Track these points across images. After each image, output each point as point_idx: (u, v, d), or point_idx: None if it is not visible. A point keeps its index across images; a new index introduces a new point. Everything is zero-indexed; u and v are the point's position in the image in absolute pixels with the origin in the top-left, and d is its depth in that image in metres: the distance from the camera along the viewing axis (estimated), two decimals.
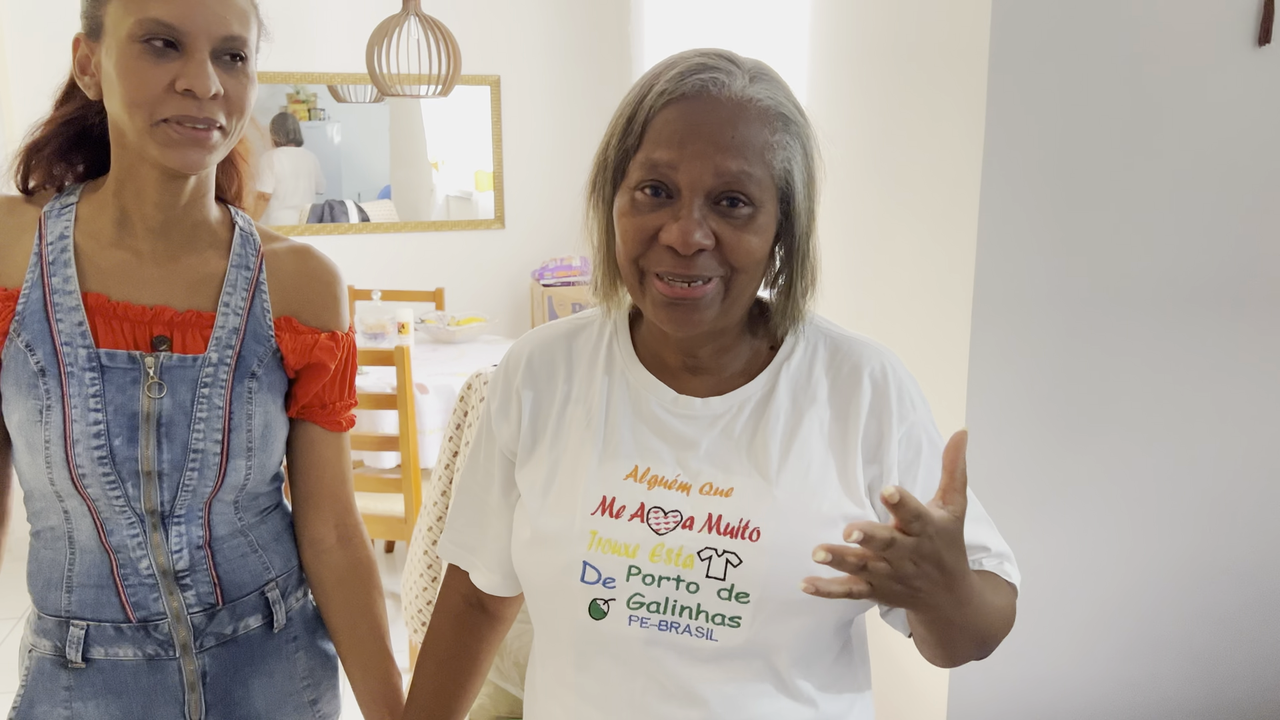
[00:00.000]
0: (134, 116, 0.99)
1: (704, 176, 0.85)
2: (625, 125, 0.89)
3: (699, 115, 0.85)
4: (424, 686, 1.14)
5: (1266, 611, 2.05)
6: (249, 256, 1.13)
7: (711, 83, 0.86)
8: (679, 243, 0.85)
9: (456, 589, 1.13)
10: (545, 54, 4.46)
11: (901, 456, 0.94)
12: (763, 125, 0.87)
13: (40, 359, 1.03)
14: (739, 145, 0.85)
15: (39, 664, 1.11)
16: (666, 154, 0.86)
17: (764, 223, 0.88)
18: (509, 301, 4.62)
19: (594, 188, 0.94)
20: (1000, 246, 1.77)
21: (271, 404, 1.13)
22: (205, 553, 1.11)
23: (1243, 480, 1.97)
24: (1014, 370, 1.83)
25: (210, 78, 0.99)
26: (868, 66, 2.13)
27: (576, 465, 0.96)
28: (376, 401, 2.81)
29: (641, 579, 0.91)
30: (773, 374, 0.96)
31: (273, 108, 4.22)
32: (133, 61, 0.98)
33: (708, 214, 0.86)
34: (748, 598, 0.89)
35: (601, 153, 0.93)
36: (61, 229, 1.06)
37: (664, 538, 0.91)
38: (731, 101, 0.86)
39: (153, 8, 0.97)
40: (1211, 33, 1.76)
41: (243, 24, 1.02)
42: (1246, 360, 1.92)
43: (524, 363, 1.02)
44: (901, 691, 2.08)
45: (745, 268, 0.88)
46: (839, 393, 0.95)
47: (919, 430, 0.95)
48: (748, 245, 0.87)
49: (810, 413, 0.94)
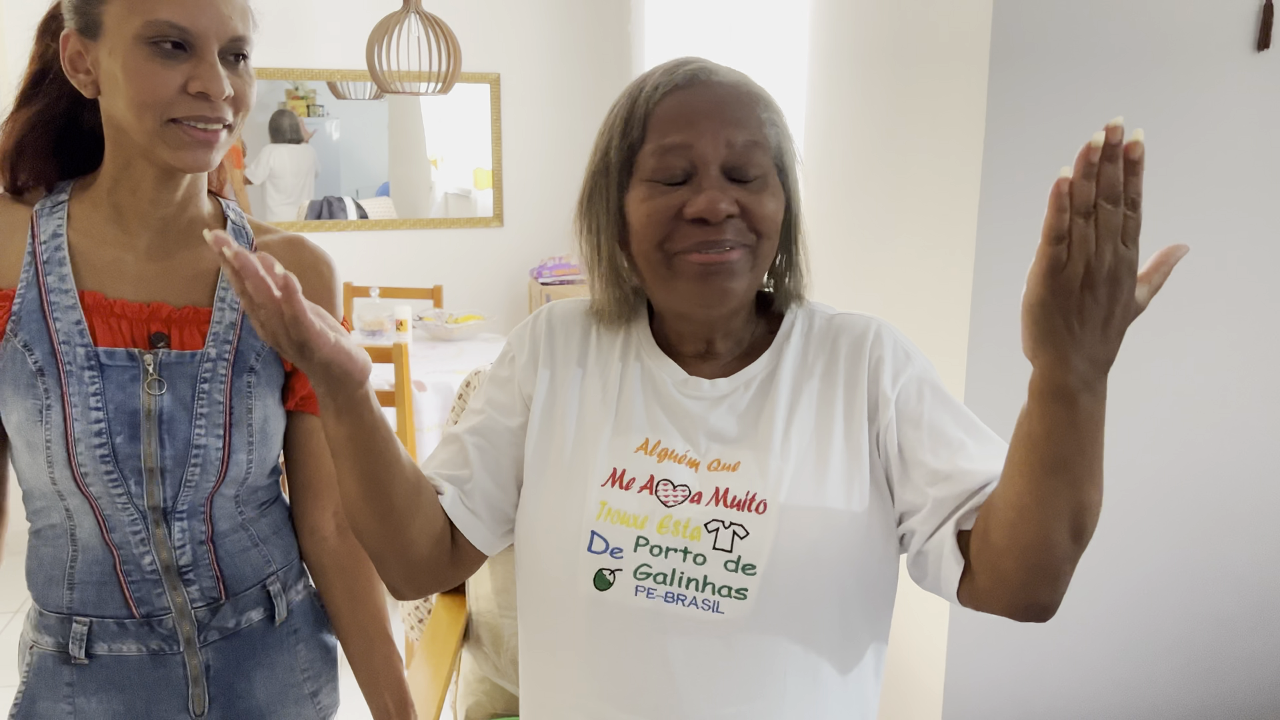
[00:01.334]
0: (143, 117, 0.99)
1: (717, 149, 0.90)
2: (624, 126, 0.94)
3: (698, 97, 0.92)
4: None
5: (1262, 613, 2.05)
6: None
7: (700, 71, 0.93)
8: (708, 211, 0.89)
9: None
10: (545, 52, 4.46)
11: (901, 406, 0.95)
12: (753, 105, 0.93)
13: (38, 358, 1.03)
14: (741, 120, 0.92)
15: (40, 660, 1.11)
16: (678, 136, 0.91)
17: (774, 188, 0.94)
18: (507, 299, 4.62)
19: (593, 200, 0.97)
20: (1000, 247, 1.77)
21: (270, 397, 1.14)
22: (207, 547, 1.12)
23: (1240, 482, 1.98)
24: (1013, 370, 1.83)
25: (222, 79, 1.00)
26: (868, 67, 2.13)
27: (589, 437, 0.98)
28: None
29: (649, 550, 0.92)
30: (775, 353, 1.00)
31: (271, 104, 4.22)
32: (143, 64, 0.98)
33: (725, 185, 0.91)
34: (754, 569, 0.90)
35: (600, 161, 0.96)
36: (54, 227, 1.06)
37: (672, 510, 0.93)
38: (722, 85, 0.93)
39: (161, 9, 0.97)
40: (1211, 37, 1.77)
41: (244, 23, 1.03)
42: (1244, 362, 1.92)
43: (555, 329, 1.05)
44: (897, 692, 2.09)
45: (768, 233, 0.93)
46: (835, 363, 0.98)
47: (915, 381, 0.96)
48: (768, 208, 0.92)
49: (809, 386, 0.98)
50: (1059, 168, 1.75)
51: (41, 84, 1.08)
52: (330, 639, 1.27)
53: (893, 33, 2.03)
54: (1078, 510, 0.81)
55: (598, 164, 0.97)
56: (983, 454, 0.91)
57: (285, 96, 4.24)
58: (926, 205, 1.92)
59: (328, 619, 1.26)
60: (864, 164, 2.15)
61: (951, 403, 0.96)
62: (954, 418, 0.94)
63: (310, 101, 4.27)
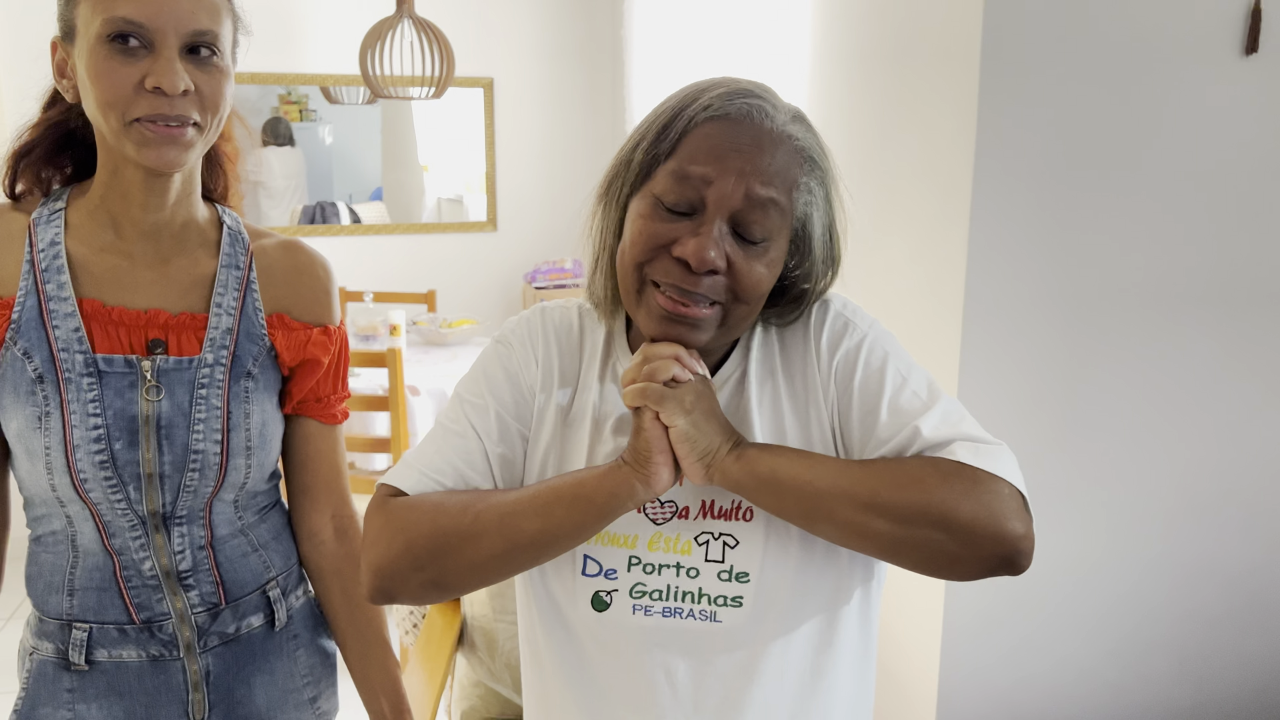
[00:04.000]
0: (108, 117, 0.99)
1: (734, 196, 0.85)
2: (660, 131, 0.89)
3: (741, 137, 0.85)
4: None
5: (1256, 614, 2.06)
6: (238, 255, 1.14)
7: (757, 110, 0.87)
8: (694, 258, 0.84)
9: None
10: (538, 57, 4.46)
11: (839, 382, 0.93)
12: (796, 163, 0.88)
13: (38, 366, 1.03)
14: (773, 174, 0.86)
15: (40, 666, 1.11)
16: (702, 168, 0.85)
17: (775, 257, 0.89)
18: (501, 304, 4.62)
19: (610, 189, 0.93)
20: (991, 250, 1.78)
21: (268, 402, 1.14)
22: (207, 553, 1.12)
23: (1231, 482, 1.99)
24: (1004, 373, 1.84)
25: (178, 74, 0.98)
26: (859, 71, 2.15)
27: (573, 457, 0.96)
28: (368, 403, 2.81)
29: (642, 568, 0.93)
30: (741, 356, 0.97)
31: (264, 108, 4.22)
32: (102, 62, 0.97)
33: (725, 236, 0.86)
34: (748, 577, 0.91)
35: (628, 153, 0.91)
36: (52, 236, 1.06)
37: (661, 527, 0.93)
38: (773, 132, 0.86)
39: (120, 6, 0.97)
40: (1200, 41, 1.78)
41: (213, 18, 1.01)
42: (1235, 364, 1.94)
43: (550, 338, 1.00)
44: (890, 692, 2.09)
45: (749, 299, 0.88)
46: (792, 354, 0.96)
47: (854, 350, 0.93)
48: (757, 275, 0.87)
49: (773, 382, 0.96)
50: (1049, 172, 1.76)
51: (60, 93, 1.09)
52: (330, 644, 1.27)
53: (884, 38, 2.04)
54: (850, 530, 0.85)
55: (624, 156, 0.92)
56: (893, 422, 0.89)
57: (278, 101, 4.24)
58: (918, 209, 1.94)
59: (327, 624, 1.26)
60: (856, 166, 2.16)
61: (887, 367, 0.92)
62: (880, 380, 0.91)
63: (303, 106, 4.27)
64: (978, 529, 0.82)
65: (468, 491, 0.93)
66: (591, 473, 0.88)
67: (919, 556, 0.85)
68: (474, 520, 0.88)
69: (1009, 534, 0.83)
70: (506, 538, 0.87)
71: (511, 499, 0.89)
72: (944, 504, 0.82)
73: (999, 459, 0.87)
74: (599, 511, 0.87)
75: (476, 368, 1.02)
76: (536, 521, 0.87)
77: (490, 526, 0.87)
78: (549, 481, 0.91)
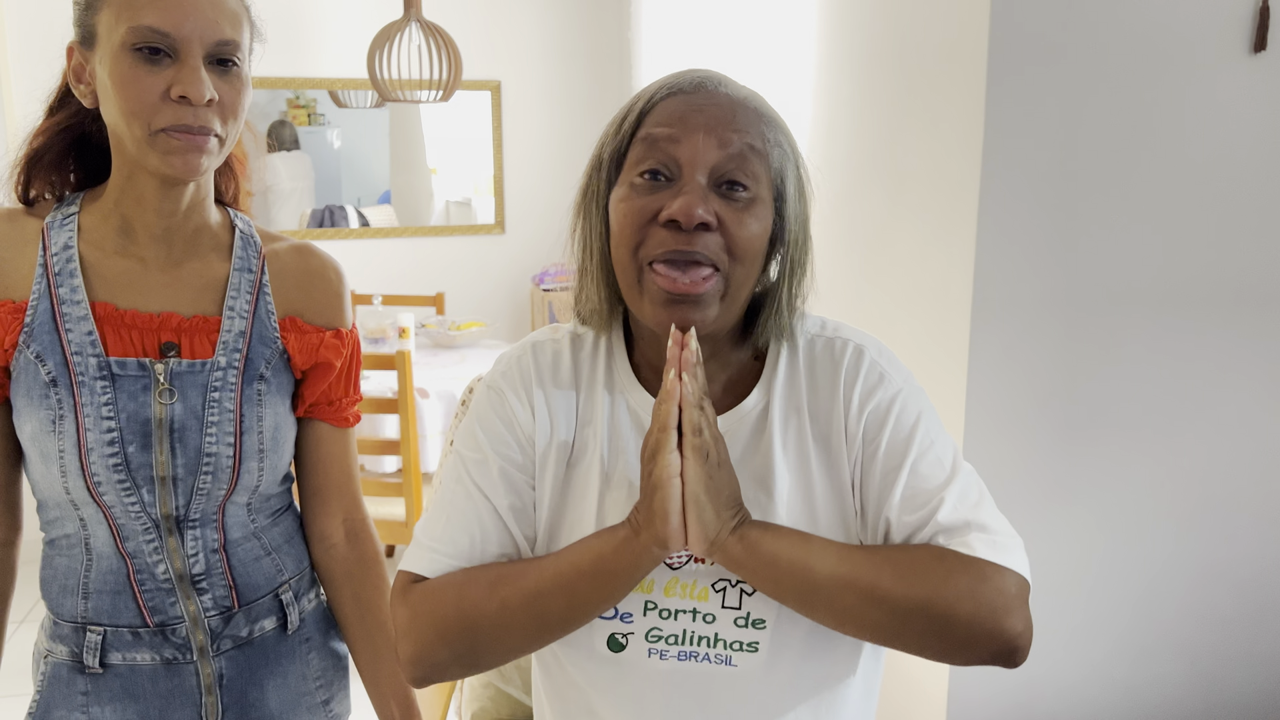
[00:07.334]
0: (132, 126, 0.99)
1: (708, 151, 0.85)
2: (619, 124, 0.90)
3: (700, 101, 0.87)
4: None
5: (1265, 615, 2.06)
6: (251, 259, 1.14)
7: (708, 80, 0.89)
8: (682, 214, 0.83)
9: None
10: (546, 60, 4.47)
11: (866, 436, 0.91)
12: (759, 122, 0.88)
13: (51, 369, 1.04)
14: (740, 125, 0.86)
15: (55, 669, 1.12)
16: (668, 129, 0.86)
17: (762, 212, 0.88)
18: (509, 306, 4.63)
19: (587, 194, 0.94)
20: (999, 249, 1.78)
21: (280, 405, 1.15)
22: (220, 556, 1.12)
23: (1241, 483, 1.98)
24: (1013, 372, 1.84)
25: (204, 83, 0.98)
26: (867, 71, 2.15)
27: (585, 497, 0.94)
28: (378, 406, 2.82)
29: (658, 613, 0.91)
30: (764, 389, 0.94)
31: (272, 113, 4.23)
32: (127, 70, 0.98)
33: (709, 194, 0.85)
34: (764, 624, 0.90)
35: (595, 158, 0.93)
36: (65, 239, 1.07)
37: (678, 572, 0.91)
38: (730, 96, 0.88)
39: (145, 15, 0.97)
40: (1208, 39, 1.78)
41: (235, 27, 1.02)
42: (1244, 362, 1.93)
43: (545, 374, 0.97)
44: (902, 692, 2.09)
45: (744, 256, 0.86)
46: (821, 398, 0.93)
47: (886, 405, 0.91)
48: (749, 229, 0.86)
49: (797, 420, 0.93)
50: (1057, 171, 1.76)
51: (69, 97, 1.10)
52: (342, 647, 1.28)
53: (892, 39, 2.04)
54: (847, 618, 0.85)
55: (593, 161, 0.93)
56: (912, 491, 0.88)
57: (287, 105, 4.25)
58: (926, 208, 1.93)
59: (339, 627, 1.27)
60: (864, 167, 2.16)
61: (917, 428, 0.91)
62: (909, 443, 0.90)
63: (311, 110, 4.29)
64: (975, 626, 0.82)
65: (488, 568, 0.91)
66: (609, 543, 0.86)
67: (914, 646, 0.85)
68: (500, 607, 0.87)
69: (1006, 632, 0.83)
70: (536, 619, 0.88)
71: (533, 580, 0.88)
72: (944, 601, 0.82)
73: (1009, 550, 0.86)
74: (623, 582, 0.86)
75: (471, 419, 0.98)
76: (562, 599, 0.87)
77: (518, 612, 0.87)
78: (568, 555, 0.89)
